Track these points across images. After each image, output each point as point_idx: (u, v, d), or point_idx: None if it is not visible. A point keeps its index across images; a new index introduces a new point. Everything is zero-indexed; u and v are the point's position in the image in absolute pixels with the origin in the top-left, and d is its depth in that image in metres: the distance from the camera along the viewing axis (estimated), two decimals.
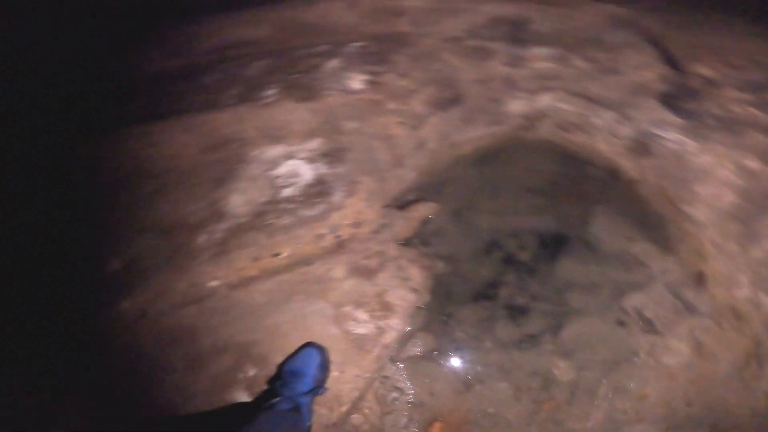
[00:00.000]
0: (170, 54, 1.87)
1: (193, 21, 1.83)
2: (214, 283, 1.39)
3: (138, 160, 1.64)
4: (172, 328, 1.32)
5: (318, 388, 1.13)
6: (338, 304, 1.30)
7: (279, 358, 1.25)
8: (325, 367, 1.21)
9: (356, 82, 1.52)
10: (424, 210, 1.56)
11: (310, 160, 1.54)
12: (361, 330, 1.27)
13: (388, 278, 1.33)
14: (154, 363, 1.27)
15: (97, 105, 1.75)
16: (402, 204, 1.54)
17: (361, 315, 1.28)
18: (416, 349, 1.30)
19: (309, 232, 1.39)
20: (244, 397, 1.23)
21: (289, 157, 1.56)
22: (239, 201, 1.46)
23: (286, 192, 1.46)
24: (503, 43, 1.81)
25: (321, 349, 1.21)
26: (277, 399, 1.06)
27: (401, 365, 1.28)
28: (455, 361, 1.28)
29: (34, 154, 1.63)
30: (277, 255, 1.39)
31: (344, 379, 1.22)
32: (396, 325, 1.29)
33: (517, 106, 1.78)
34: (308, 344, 1.23)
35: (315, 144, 1.58)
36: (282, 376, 1.15)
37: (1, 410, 1.20)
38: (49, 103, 1.73)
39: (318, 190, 1.44)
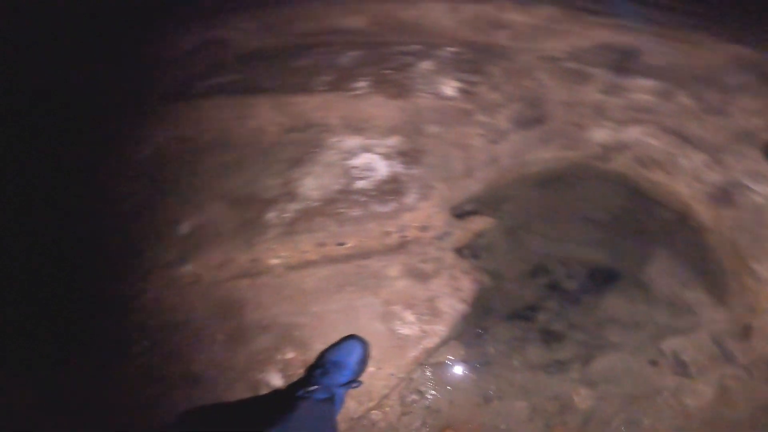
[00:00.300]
0: (268, 32, 1.94)
1: (293, 3, 1.88)
2: (274, 261, 1.43)
3: (223, 130, 1.71)
4: (222, 299, 1.37)
5: (354, 381, 1.13)
6: (388, 302, 1.30)
7: (320, 346, 1.26)
8: (364, 361, 1.21)
9: (448, 88, 1.49)
10: (480, 223, 1.54)
11: (387, 156, 1.54)
12: (405, 330, 1.27)
13: (441, 285, 1.33)
14: (196, 331, 1.32)
15: (192, 73, 1.87)
16: (461, 213, 1.53)
17: (409, 316, 1.28)
18: (446, 356, 1.30)
19: (377, 227, 1.39)
20: (277, 378, 1.25)
21: (367, 149, 1.58)
22: (313, 185, 1.50)
23: (360, 184, 1.47)
24: (604, 70, 1.72)
25: (364, 343, 1.22)
26: (315, 387, 1.07)
27: (428, 370, 1.28)
28: (480, 374, 1.28)
29: (124, 116, 1.75)
30: (341, 244, 1.41)
31: (379, 376, 1.23)
32: (440, 331, 1.28)
33: (599, 134, 1.70)
34: (352, 336, 1.23)
35: (394, 141, 1.58)
36: (323, 365, 1.16)
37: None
38: (142, 70, 1.86)
39: (392, 188, 1.44)
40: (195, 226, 1.47)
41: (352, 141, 1.59)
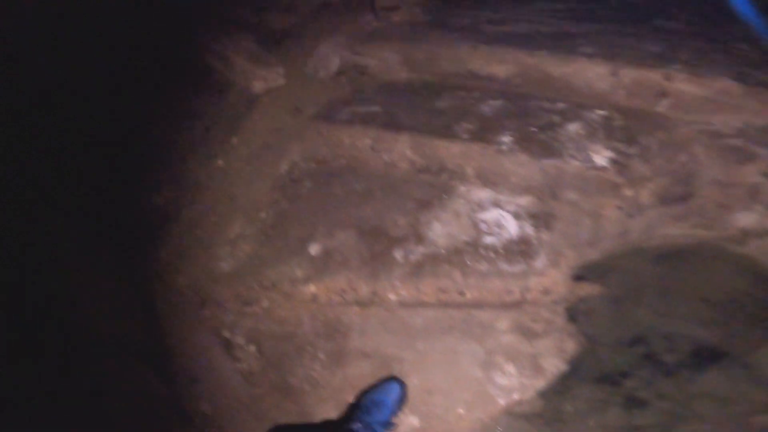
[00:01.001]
0: (410, 67, 2.00)
1: (437, 43, 1.92)
2: (391, 297, 1.51)
3: (356, 158, 1.83)
4: (330, 321, 1.48)
5: (391, 422, 1.22)
6: (491, 351, 1.35)
7: (417, 381, 1.33)
8: (402, 402, 1.27)
9: (600, 157, 1.44)
10: (588, 289, 1.51)
11: (517, 215, 1.54)
12: (503, 381, 1.31)
13: (548, 345, 1.34)
14: (300, 345, 1.44)
15: (337, 96, 1.99)
16: (574, 278, 1.50)
17: (510, 368, 1.32)
18: (523, 407, 1.31)
19: (501, 285, 1.42)
20: None
21: (496, 205, 1.59)
22: (441, 231, 1.55)
23: (488, 239, 1.49)
24: None
25: (402, 385, 1.29)
26: (357, 425, 1.17)
27: (502, 418, 1.30)
28: (553, 430, 1.28)
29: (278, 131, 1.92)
30: (462, 294, 1.46)
31: (467, 418, 1.28)
32: (538, 386, 1.30)
33: (745, 217, 1.55)
34: (392, 378, 1.31)
35: (525, 201, 1.57)
36: (363, 404, 1.24)
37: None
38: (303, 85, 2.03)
39: (521, 249, 1.45)
40: (325, 249, 1.60)
41: (483, 193, 1.60)
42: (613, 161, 1.42)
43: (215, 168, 1.69)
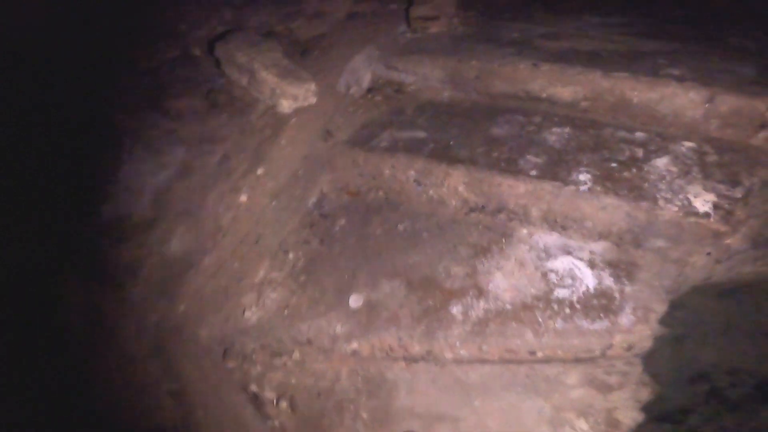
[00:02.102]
0: (455, 85, 1.77)
1: (490, 59, 1.68)
2: (448, 355, 1.31)
3: (396, 192, 1.61)
4: (372, 376, 1.31)
5: None
6: (559, 408, 1.19)
7: None
8: None
9: (701, 201, 1.21)
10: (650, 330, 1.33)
11: (592, 264, 1.32)
12: None
13: (625, 397, 1.19)
14: (339, 402, 1.27)
15: (373, 118, 1.76)
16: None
17: (582, 425, 1.17)
18: None
19: (582, 344, 1.22)
20: None
21: (566, 251, 1.37)
22: (504, 284, 1.33)
23: (562, 293, 1.27)
24: None
25: None
26: None
27: None
28: None
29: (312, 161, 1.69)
30: (533, 353, 1.26)
31: None
32: None
33: None
34: None
35: (600, 247, 1.35)
36: None
37: None
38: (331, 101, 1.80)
39: (601, 304, 1.23)
40: (368, 302, 1.38)
41: (549, 238, 1.39)
42: (717, 207, 1.20)
43: (238, 205, 1.46)
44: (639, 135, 1.45)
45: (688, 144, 1.40)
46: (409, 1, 2.03)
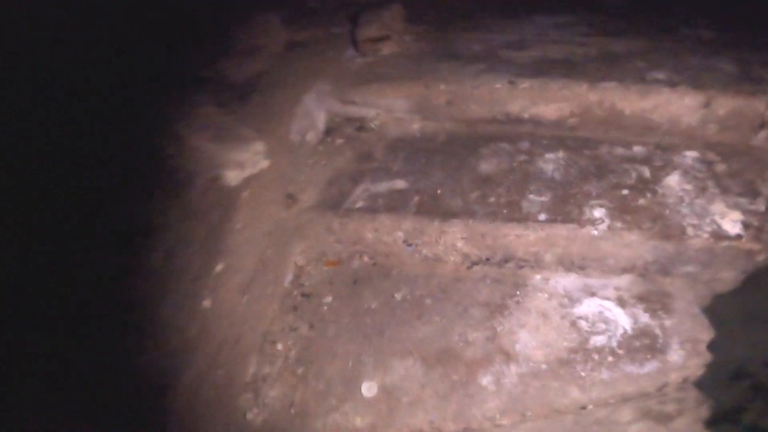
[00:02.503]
0: (423, 115, 1.55)
1: (459, 79, 1.48)
2: (485, 425, 1.14)
3: (383, 255, 1.39)
4: None
5: None
6: None
7: None
8: None
9: (730, 223, 1.10)
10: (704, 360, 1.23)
11: (621, 302, 1.19)
12: None
13: (686, 422, 1.09)
14: None
15: (341, 169, 1.50)
16: None
17: None
18: None
19: (634, 388, 1.09)
20: None
21: (589, 293, 1.22)
22: (532, 341, 1.16)
23: (598, 340, 1.13)
24: None
25: None
26: None
27: None
28: None
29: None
30: (583, 408, 1.11)
31: None
32: None
33: None
34: None
35: (625, 282, 1.22)
36: None
37: None
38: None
39: (644, 345, 1.11)
40: (384, 387, 1.17)
41: (566, 280, 1.24)
42: (746, 225, 1.10)
43: (203, 312, 1.16)
44: (638, 150, 1.33)
45: (691, 154, 1.29)
46: (353, 22, 1.79)
